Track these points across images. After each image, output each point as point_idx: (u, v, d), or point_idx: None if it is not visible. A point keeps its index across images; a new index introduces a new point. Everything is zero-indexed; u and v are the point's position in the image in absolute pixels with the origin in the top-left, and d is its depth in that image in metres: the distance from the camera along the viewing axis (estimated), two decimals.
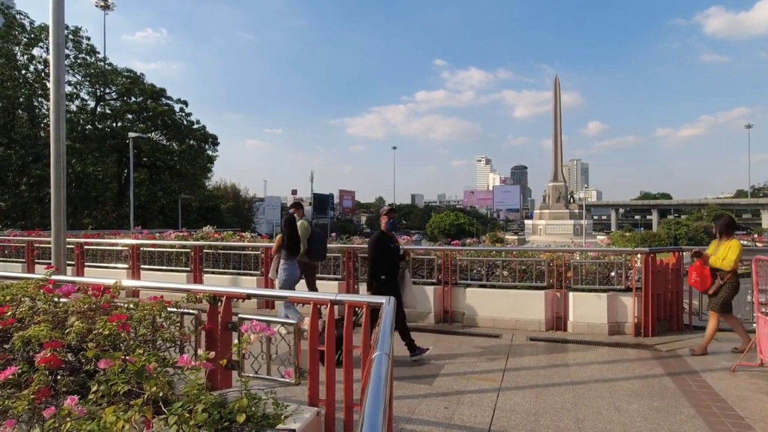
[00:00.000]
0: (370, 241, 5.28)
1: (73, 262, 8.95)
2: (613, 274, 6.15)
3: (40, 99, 27.44)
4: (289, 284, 5.86)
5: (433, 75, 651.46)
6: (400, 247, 5.30)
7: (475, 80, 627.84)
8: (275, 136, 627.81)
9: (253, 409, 1.67)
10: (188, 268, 8.37)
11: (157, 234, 11.68)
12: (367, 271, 5.05)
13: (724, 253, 4.94)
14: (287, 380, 2.36)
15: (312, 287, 6.44)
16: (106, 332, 1.93)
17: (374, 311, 3.55)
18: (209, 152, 36.89)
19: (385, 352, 1.56)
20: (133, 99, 32.73)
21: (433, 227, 58.74)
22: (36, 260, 9.93)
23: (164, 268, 8.61)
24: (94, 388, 1.63)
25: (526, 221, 37.30)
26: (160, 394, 1.59)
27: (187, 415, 1.49)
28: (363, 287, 7.07)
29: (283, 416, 1.71)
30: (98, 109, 31.94)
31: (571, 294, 6.14)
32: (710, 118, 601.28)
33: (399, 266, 5.14)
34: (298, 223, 6.13)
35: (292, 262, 5.94)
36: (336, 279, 7.31)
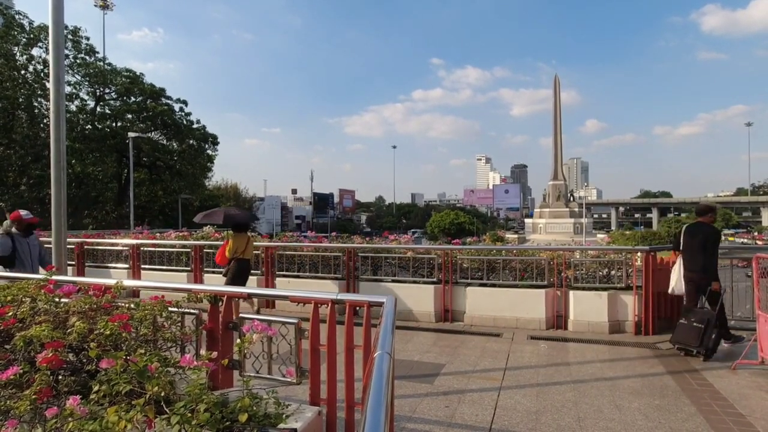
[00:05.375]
0: (713, 236, 5.08)
1: (73, 262, 8.96)
2: (613, 272, 6.16)
3: (39, 99, 27.44)
4: None
5: (429, 73, 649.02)
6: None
7: (472, 78, 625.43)
8: (273, 135, 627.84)
9: (255, 408, 1.67)
10: (189, 268, 8.37)
11: (158, 234, 11.68)
12: (707, 268, 4.94)
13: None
14: (288, 380, 2.36)
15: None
16: (108, 332, 1.94)
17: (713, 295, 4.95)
18: (209, 152, 36.92)
19: (386, 351, 1.56)
20: (133, 99, 32.75)
21: (433, 226, 58.67)
22: None
23: (165, 267, 8.62)
24: (95, 388, 1.63)
25: (527, 220, 37.25)
26: (162, 394, 1.59)
27: (189, 414, 1.49)
28: (363, 286, 7.08)
29: (284, 415, 1.71)
30: (98, 109, 31.96)
31: (571, 292, 6.14)
32: (708, 116, 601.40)
33: None
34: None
35: None
36: (336, 278, 7.32)
